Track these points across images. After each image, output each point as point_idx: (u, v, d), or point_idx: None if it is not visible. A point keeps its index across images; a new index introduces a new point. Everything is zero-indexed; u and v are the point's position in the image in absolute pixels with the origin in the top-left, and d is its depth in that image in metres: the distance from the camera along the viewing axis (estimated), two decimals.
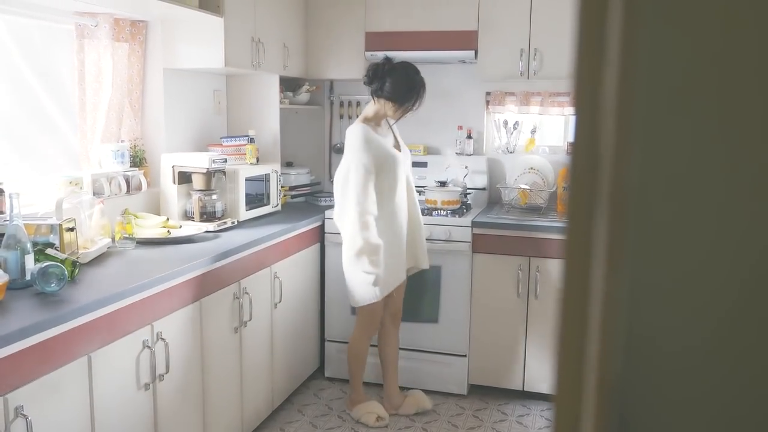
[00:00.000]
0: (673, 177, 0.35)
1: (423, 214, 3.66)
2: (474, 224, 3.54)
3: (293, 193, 4.11)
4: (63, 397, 1.93)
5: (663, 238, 0.35)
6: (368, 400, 3.43)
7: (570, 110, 3.95)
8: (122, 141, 3.15)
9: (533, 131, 4.02)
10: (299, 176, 4.17)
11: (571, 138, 0.40)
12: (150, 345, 2.30)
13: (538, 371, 3.54)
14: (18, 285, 2.11)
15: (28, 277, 2.11)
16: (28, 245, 2.16)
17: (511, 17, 3.68)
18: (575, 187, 0.37)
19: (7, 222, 2.19)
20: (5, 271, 2.07)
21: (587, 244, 0.37)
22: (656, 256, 0.36)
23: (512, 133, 4.05)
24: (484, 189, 4.05)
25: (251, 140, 3.56)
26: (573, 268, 0.38)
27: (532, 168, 3.94)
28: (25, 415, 1.76)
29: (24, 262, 2.13)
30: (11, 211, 2.16)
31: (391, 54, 3.86)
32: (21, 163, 2.88)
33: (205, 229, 3.06)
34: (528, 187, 3.85)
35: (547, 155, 4.02)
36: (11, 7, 2.58)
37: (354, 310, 3.45)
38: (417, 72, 3.22)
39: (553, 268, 3.45)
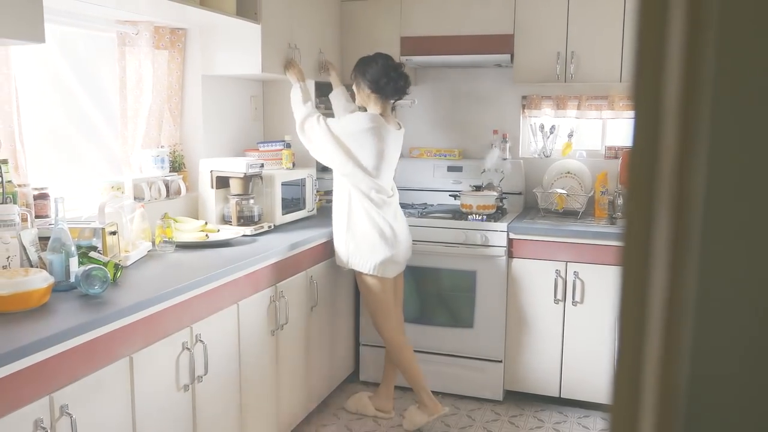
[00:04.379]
0: (743, 178, 0.34)
1: (458, 218, 3.65)
2: (510, 229, 3.51)
3: (329, 197, 4.13)
4: (106, 397, 1.97)
5: (732, 242, 0.34)
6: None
7: (607, 113, 3.90)
8: (162, 146, 3.21)
9: (570, 135, 3.97)
10: None
11: (629, 140, 0.39)
12: (189, 347, 2.33)
13: (576, 378, 3.49)
14: (63, 287, 2.16)
15: (72, 279, 2.17)
16: (73, 248, 2.22)
17: (548, 20, 3.64)
18: (635, 190, 0.36)
19: (53, 226, 2.24)
20: (51, 273, 2.12)
21: (647, 250, 0.36)
22: (725, 261, 0.35)
23: (549, 137, 4.01)
24: (520, 194, 4.01)
25: (287, 145, 3.59)
26: (631, 274, 0.38)
27: (569, 172, 3.90)
28: (69, 414, 1.80)
29: (68, 265, 2.19)
30: (56, 215, 2.22)
31: (427, 59, 3.87)
32: (65, 168, 2.95)
33: (243, 233, 3.09)
34: (565, 192, 3.80)
35: (585, 159, 3.97)
36: (57, 16, 2.64)
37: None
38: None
39: (591, 274, 3.40)
